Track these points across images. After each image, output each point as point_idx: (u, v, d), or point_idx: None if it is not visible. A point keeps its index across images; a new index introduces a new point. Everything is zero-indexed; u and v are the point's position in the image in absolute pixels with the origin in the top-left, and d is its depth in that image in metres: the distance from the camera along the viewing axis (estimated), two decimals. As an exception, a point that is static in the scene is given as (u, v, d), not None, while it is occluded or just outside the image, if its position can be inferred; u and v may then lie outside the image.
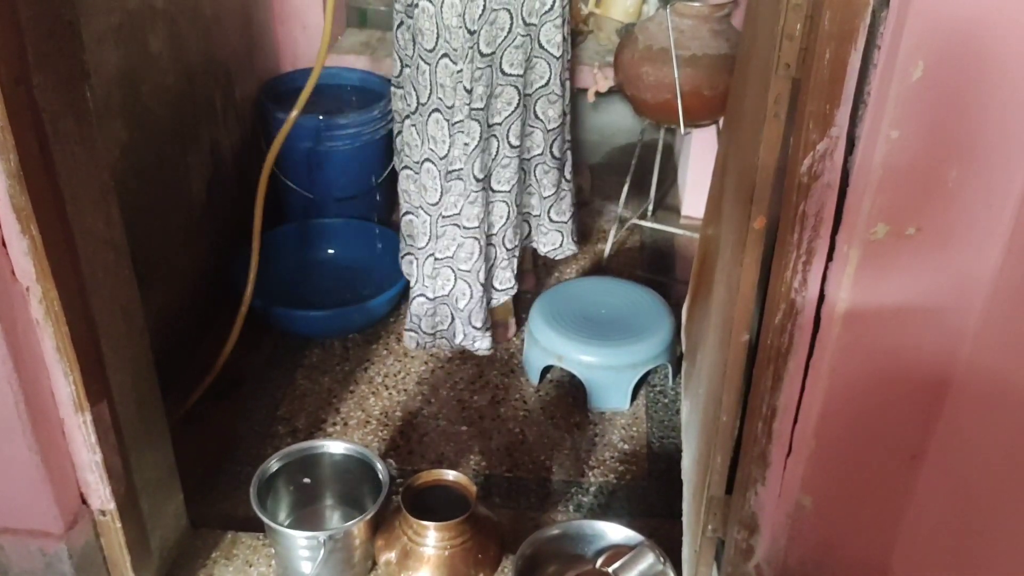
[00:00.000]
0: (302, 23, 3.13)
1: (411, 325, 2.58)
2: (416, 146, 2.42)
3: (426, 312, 2.55)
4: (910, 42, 1.02)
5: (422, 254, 2.50)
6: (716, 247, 1.85)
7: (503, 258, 2.55)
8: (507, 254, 2.55)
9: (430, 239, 2.47)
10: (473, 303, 2.51)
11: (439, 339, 2.59)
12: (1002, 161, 1.07)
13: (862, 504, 1.37)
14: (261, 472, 1.91)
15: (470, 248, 2.45)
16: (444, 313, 2.55)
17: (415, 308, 2.56)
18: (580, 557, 1.91)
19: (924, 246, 1.14)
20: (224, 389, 2.47)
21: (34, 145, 1.36)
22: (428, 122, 2.34)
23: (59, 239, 1.44)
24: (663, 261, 3.09)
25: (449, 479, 1.93)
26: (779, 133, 1.28)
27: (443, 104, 2.29)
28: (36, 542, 1.67)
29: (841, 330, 1.22)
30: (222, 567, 1.96)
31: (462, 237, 2.44)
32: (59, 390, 1.55)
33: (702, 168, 2.93)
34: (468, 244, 2.45)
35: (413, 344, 2.60)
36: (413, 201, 2.51)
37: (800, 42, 1.21)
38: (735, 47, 2.50)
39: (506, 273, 2.57)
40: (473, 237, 2.43)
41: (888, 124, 1.07)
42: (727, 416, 1.49)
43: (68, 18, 1.40)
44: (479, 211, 2.40)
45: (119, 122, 2.12)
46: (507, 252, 2.54)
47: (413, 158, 2.46)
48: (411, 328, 2.59)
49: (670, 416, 2.43)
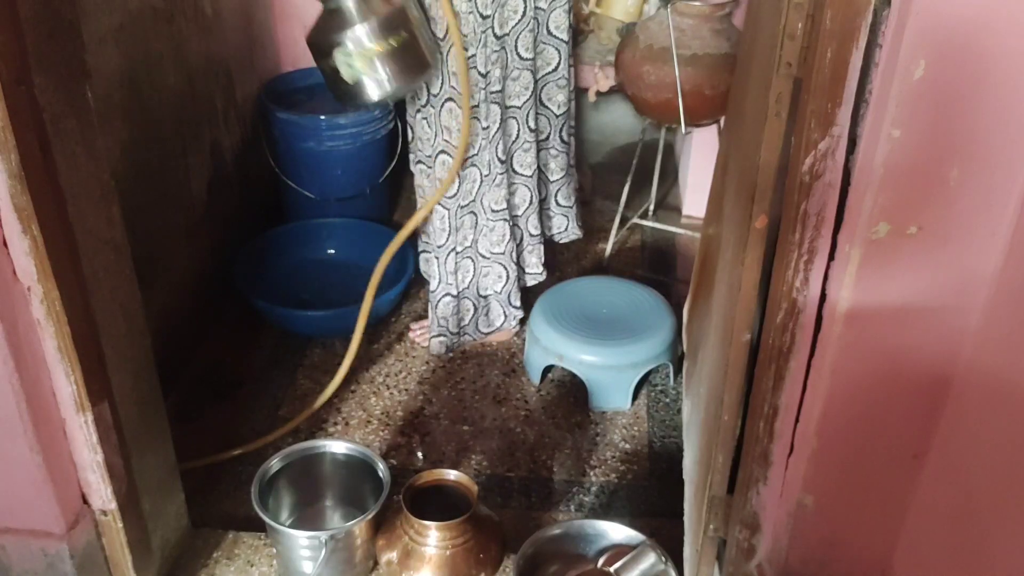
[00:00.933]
0: (303, 23, 3.11)
1: (439, 330, 2.53)
2: (428, 139, 2.40)
3: (452, 311, 2.53)
4: (911, 41, 1.02)
5: (443, 251, 2.46)
6: (717, 246, 1.85)
7: (528, 242, 2.56)
8: (532, 239, 2.55)
9: (449, 233, 2.44)
10: (510, 284, 2.52)
11: (463, 336, 2.58)
12: (1003, 160, 1.07)
13: (864, 503, 1.37)
14: (262, 472, 1.91)
15: (501, 231, 2.44)
16: (467, 307, 2.54)
17: (442, 310, 2.51)
18: (581, 557, 1.91)
19: (925, 245, 1.14)
20: (225, 389, 2.47)
21: (35, 145, 1.36)
22: (441, 112, 2.31)
23: (60, 239, 1.44)
24: (664, 260, 3.09)
25: (450, 479, 1.93)
26: (780, 132, 1.28)
27: (456, 92, 2.28)
28: (38, 542, 1.67)
29: (843, 329, 1.22)
30: (223, 567, 1.96)
31: (491, 221, 2.43)
32: (60, 390, 1.55)
33: (703, 167, 2.93)
34: (499, 227, 2.44)
35: (444, 349, 2.56)
36: (428, 196, 2.49)
37: (801, 41, 1.21)
38: (736, 46, 2.50)
39: (532, 258, 2.58)
40: (503, 219, 2.43)
41: (889, 123, 1.07)
42: (728, 415, 1.49)
43: (69, 18, 1.40)
44: (504, 193, 2.40)
45: (120, 122, 2.12)
46: (532, 237, 2.55)
47: (425, 152, 2.43)
48: (439, 333, 2.54)
49: (671, 415, 2.43)
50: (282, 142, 2.90)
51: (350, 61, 2.09)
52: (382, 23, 2.09)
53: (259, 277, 2.74)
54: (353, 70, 2.11)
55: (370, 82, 2.13)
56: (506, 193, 2.41)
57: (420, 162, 2.47)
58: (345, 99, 2.20)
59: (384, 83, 2.14)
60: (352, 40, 2.08)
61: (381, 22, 2.09)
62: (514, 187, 2.47)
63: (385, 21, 2.10)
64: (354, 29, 2.08)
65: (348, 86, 2.14)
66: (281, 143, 2.91)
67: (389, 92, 2.16)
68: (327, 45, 2.11)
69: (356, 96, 2.16)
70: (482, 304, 2.55)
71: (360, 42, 2.09)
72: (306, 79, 3.09)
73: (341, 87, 2.15)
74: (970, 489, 1.20)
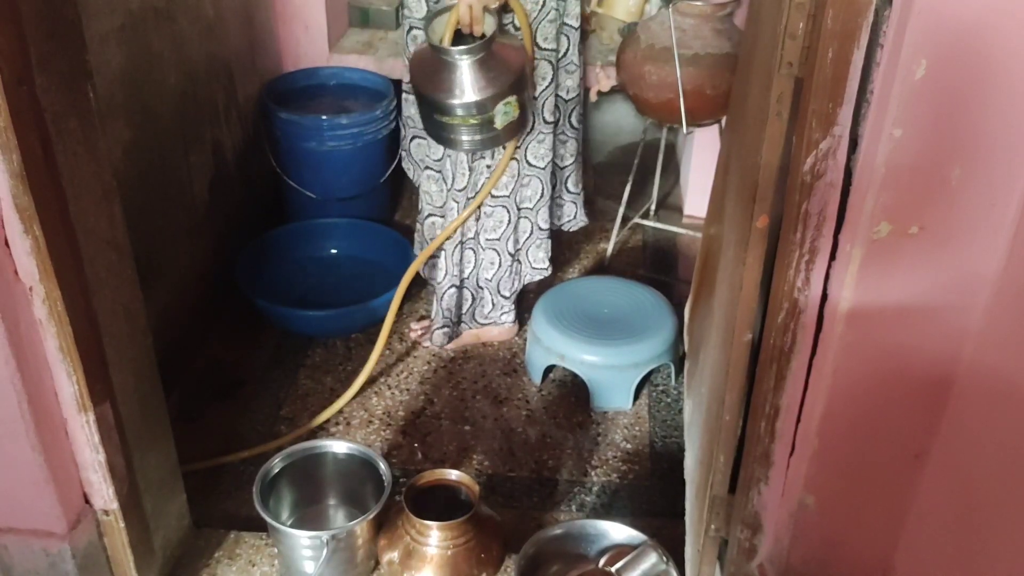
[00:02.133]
0: (304, 23, 3.13)
1: (443, 321, 2.54)
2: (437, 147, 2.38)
3: (455, 302, 2.52)
4: (913, 41, 1.02)
5: (450, 244, 2.45)
6: (719, 246, 1.85)
7: (537, 236, 2.54)
8: (541, 233, 2.54)
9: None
10: (502, 271, 2.50)
11: (460, 324, 2.58)
12: (1005, 160, 1.07)
13: (865, 503, 1.37)
14: (264, 472, 1.92)
15: (499, 216, 2.43)
16: (466, 296, 2.54)
17: (446, 302, 2.51)
18: (583, 557, 1.91)
19: (927, 245, 1.14)
20: (227, 388, 2.47)
21: (37, 145, 1.36)
22: None
23: (62, 239, 1.44)
24: (665, 260, 3.09)
25: (452, 479, 1.93)
26: (782, 132, 1.28)
27: None
28: (39, 542, 1.67)
29: (844, 329, 1.22)
30: (225, 567, 1.96)
31: (490, 207, 2.41)
32: (62, 390, 1.56)
33: (704, 167, 2.93)
34: (498, 213, 2.42)
35: (446, 340, 2.56)
36: (436, 202, 2.48)
37: (803, 41, 1.21)
38: (737, 46, 2.50)
39: (539, 252, 2.57)
40: (502, 206, 2.42)
41: (891, 123, 1.07)
42: (730, 415, 1.49)
43: (71, 18, 1.40)
44: (507, 180, 2.38)
45: (122, 122, 2.12)
46: (541, 231, 2.53)
47: (434, 156, 2.42)
48: (444, 324, 2.54)
49: (673, 415, 2.43)
50: (284, 142, 2.90)
51: (507, 110, 2.09)
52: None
53: (260, 277, 2.74)
54: (508, 117, 2.12)
55: (514, 127, 2.18)
56: (511, 182, 2.39)
57: (428, 168, 2.46)
58: (450, 142, 2.23)
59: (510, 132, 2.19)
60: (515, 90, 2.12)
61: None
62: (526, 179, 2.43)
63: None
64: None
65: (480, 130, 2.15)
66: (283, 143, 2.91)
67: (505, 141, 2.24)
68: (498, 94, 2.10)
69: (483, 143, 2.20)
70: (478, 294, 2.56)
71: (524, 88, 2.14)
72: (307, 79, 3.09)
73: (454, 132, 2.17)
74: (971, 489, 1.20)
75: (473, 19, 2.06)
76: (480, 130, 2.12)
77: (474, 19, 2.06)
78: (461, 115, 2.10)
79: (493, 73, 2.06)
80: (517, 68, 2.09)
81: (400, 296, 2.46)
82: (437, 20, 2.10)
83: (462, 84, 2.06)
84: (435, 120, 2.15)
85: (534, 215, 2.50)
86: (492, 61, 2.07)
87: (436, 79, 2.09)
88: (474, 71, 2.05)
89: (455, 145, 2.21)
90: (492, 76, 2.06)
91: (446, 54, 2.06)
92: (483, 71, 2.06)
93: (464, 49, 2.04)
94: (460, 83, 2.07)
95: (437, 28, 2.09)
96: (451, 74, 2.07)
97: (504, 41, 2.12)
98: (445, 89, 2.08)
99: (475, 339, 2.63)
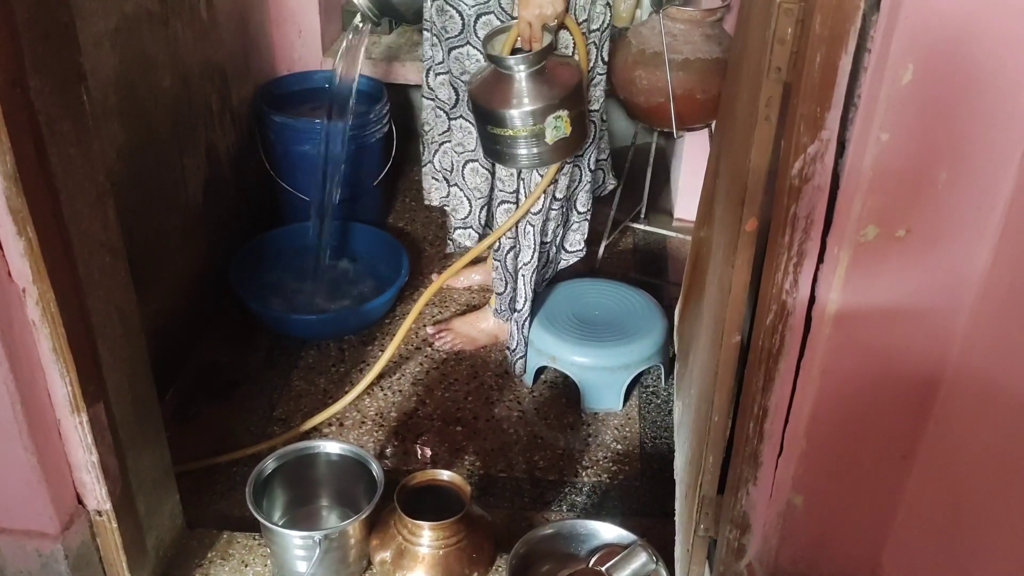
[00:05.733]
0: (298, 27, 3.14)
1: (523, 351, 2.54)
2: (470, 133, 2.34)
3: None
4: (900, 46, 1.03)
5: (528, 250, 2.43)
6: (708, 249, 1.86)
7: (575, 220, 2.55)
8: (579, 216, 2.54)
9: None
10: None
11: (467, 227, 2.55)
12: (991, 163, 1.08)
13: (853, 503, 1.38)
14: (257, 472, 1.92)
15: (484, 174, 2.40)
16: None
17: (527, 330, 2.51)
18: (573, 556, 1.92)
19: (914, 248, 1.15)
20: (220, 389, 2.47)
21: (30, 147, 1.36)
22: None
23: (55, 241, 1.45)
24: (656, 263, 3.10)
25: (444, 479, 1.93)
26: (770, 136, 1.29)
27: None
28: (32, 542, 1.67)
29: (832, 331, 1.23)
30: (218, 567, 1.96)
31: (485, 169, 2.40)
32: (55, 391, 1.56)
33: (694, 171, 2.94)
34: (481, 169, 2.39)
35: (523, 370, 2.55)
36: (483, 189, 2.45)
37: (791, 46, 1.21)
38: (727, 51, 2.52)
39: (576, 235, 2.57)
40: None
41: (878, 127, 1.08)
42: (719, 416, 1.50)
43: (64, 21, 1.41)
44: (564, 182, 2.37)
45: (116, 124, 2.12)
46: (579, 215, 2.53)
47: (469, 147, 2.38)
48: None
49: (663, 416, 2.44)
50: (278, 145, 2.91)
51: (558, 124, 2.10)
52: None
53: (254, 279, 2.74)
54: (559, 132, 2.12)
55: (564, 144, 2.17)
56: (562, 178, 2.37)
57: (472, 160, 2.40)
58: (507, 159, 2.22)
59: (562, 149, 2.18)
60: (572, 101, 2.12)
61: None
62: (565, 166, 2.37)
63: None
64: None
65: (538, 145, 2.15)
66: (277, 146, 2.91)
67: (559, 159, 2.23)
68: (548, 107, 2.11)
69: (536, 157, 2.18)
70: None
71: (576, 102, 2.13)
72: (301, 83, 3.09)
73: (514, 148, 2.17)
74: (958, 489, 1.21)
75: (532, 35, 2.08)
76: (531, 143, 2.13)
77: (533, 36, 2.08)
78: (514, 127, 2.12)
79: (546, 86, 2.09)
80: (569, 83, 2.11)
81: (425, 301, 2.46)
82: (497, 38, 2.14)
83: (517, 94, 2.09)
84: (489, 133, 2.17)
85: (573, 201, 2.49)
86: (546, 74, 2.10)
87: (492, 91, 2.13)
88: (528, 81, 2.08)
89: (509, 160, 2.21)
90: (544, 89, 2.09)
91: (503, 63, 2.09)
92: (536, 82, 2.09)
93: (520, 58, 2.07)
94: (515, 93, 2.09)
95: (496, 45, 2.14)
96: (506, 85, 2.10)
97: (559, 58, 2.15)
98: (499, 100, 2.11)
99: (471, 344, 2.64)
